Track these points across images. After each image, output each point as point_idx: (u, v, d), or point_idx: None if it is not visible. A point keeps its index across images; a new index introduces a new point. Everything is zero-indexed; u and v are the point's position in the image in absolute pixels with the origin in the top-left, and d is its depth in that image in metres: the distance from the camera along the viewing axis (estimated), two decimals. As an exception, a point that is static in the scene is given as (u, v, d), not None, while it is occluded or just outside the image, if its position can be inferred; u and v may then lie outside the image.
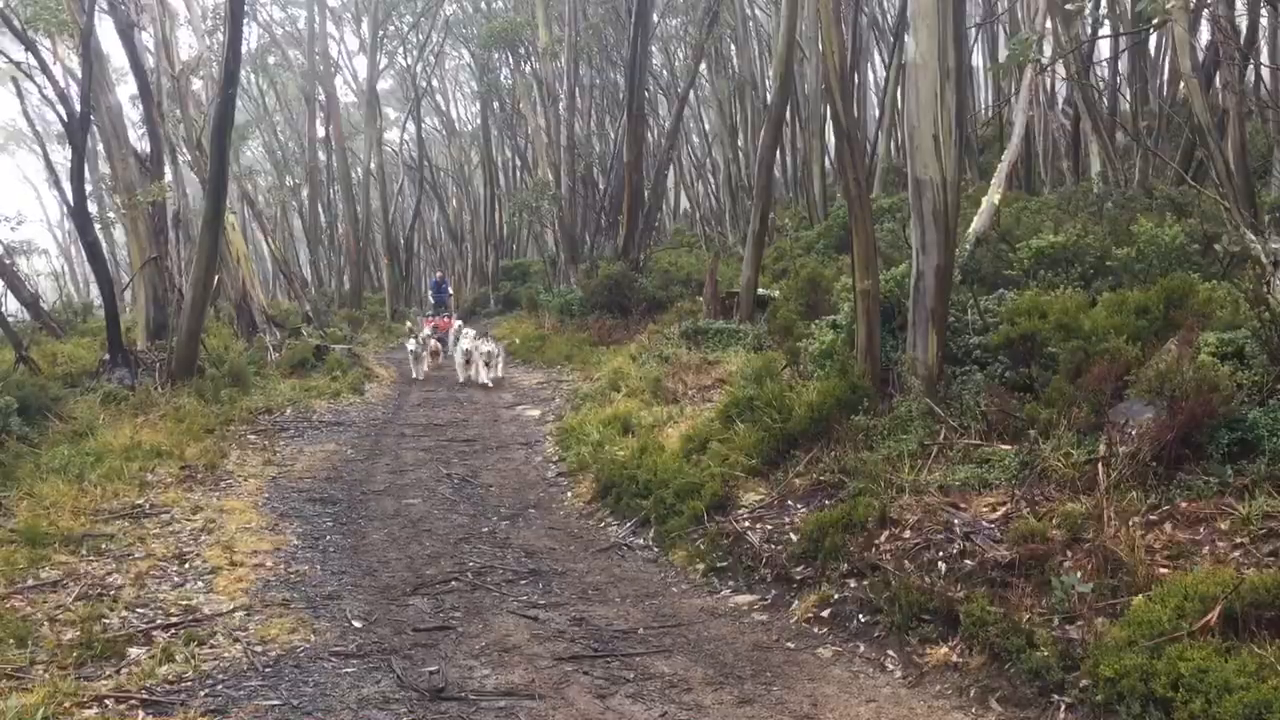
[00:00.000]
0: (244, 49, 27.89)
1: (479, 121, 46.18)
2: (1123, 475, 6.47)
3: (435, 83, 49.77)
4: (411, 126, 43.79)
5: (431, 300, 29.11)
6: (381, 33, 41.48)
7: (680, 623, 6.75)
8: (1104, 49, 23.86)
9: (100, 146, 20.09)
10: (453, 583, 7.67)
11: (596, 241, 31.32)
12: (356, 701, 5.41)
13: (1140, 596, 5.27)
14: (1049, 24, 20.61)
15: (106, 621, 6.57)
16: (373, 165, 41.69)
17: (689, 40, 35.18)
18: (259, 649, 6.21)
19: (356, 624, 6.70)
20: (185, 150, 21.82)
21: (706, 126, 44.62)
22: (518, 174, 46.78)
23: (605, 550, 8.68)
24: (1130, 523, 5.92)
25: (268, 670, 5.86)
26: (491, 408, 16.63)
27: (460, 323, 24.66)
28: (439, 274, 31.09)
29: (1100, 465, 6.65)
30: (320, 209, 43.71)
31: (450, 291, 29.71)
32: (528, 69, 37.61)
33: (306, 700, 5.43)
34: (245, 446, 12.87)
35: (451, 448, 13.13)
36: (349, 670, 5.87)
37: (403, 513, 9.97)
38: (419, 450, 13.19)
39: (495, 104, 43.45)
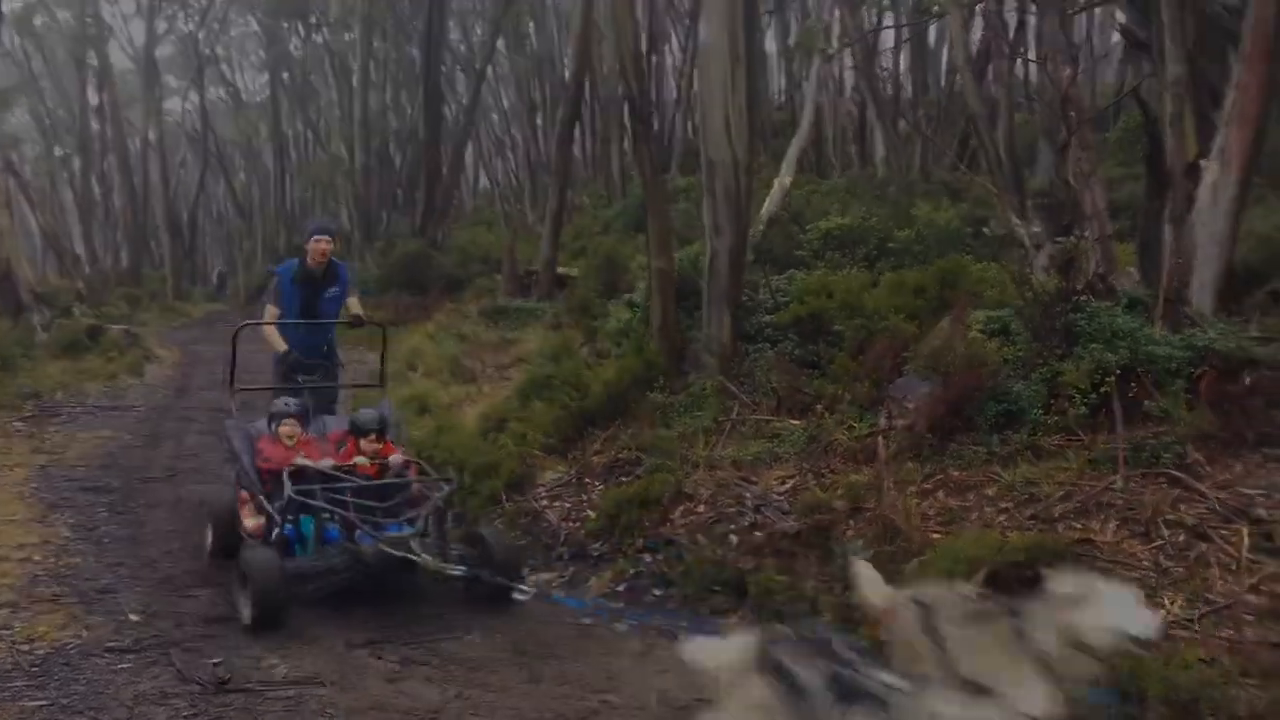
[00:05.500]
0: (5, 8, 25.97)
1: (268, 93, 44.41)
2: (901, 447, 6.81)
3: (220, 51, 47.51)
4: (195, 96, 41.78)
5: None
6: (160, -5, 39.31)
7: (477, 603, 6.69)
8: (889, 40, 24.97)
9: None
10: (240, 571, 7.38)
11: (393, 218, 30.72)
12: (132, 698, 5.13)
13: (915, 561, 5.56)
14: (837, 13, 21.39)
15: None
16: (151, 136, 39.50)
17: (487, 16, 34.78)
18: (25, 648, 5.79)
19: (134, 617, 6.34)
20: (-63, 115, 20.18)
21: (506, 104, 44.24)
22: (310, 148, 45.25)
23: (401, 533, 8.52)
24: (907, 491, 6.25)
25: (34, 669, 5.48)
26: (283, 390, 16.05)
27: None
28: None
29: (880, 438, 6.99)
30: (94, 181, 41.07)
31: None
32: (319, 40, 36.40)
33: (77, 699, 5.12)
34: (10, 434, 12.02)
35: (239, 432, 12.58)
36: (125, 666, 5.56)
37: (186, 499, 9.52)
38: (204, 435, 12.61)
39: (285, 75, 41.89)
